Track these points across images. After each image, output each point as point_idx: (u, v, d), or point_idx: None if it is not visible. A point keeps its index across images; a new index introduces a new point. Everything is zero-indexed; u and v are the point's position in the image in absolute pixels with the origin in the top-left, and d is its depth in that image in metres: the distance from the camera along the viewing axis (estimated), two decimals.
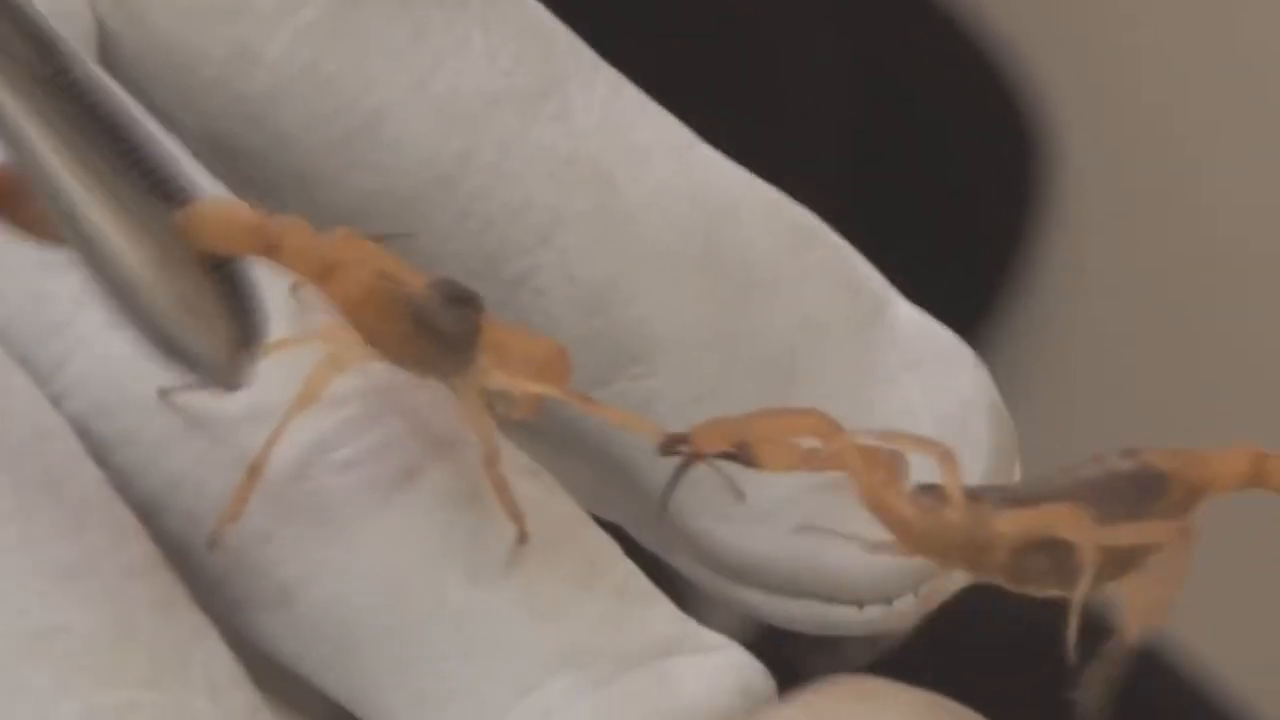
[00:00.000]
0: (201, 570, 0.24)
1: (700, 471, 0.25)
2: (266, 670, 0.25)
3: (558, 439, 0.27)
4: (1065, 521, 0.24)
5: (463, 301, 0.24)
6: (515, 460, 0.25)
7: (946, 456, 0.24)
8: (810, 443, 0.25)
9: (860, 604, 0.26)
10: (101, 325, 0.24)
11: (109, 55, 0.27)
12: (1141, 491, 0.25)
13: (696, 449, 0.24)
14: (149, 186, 0.22)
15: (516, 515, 0.24)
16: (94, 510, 0.24)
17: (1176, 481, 0.25)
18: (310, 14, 0.27)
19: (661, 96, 0.28)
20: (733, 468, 0.25)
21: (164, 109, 0.27)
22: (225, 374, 0.22)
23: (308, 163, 0.27)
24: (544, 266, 0.27)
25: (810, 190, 0.28)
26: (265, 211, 0.23)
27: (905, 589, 0.26)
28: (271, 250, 0.23)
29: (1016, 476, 0.27)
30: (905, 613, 0.25)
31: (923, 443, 0.24)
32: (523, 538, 0.24)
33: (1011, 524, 0.24)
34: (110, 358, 0.25)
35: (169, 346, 0.22)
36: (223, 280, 0.23)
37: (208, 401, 0.24)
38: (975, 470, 0.26)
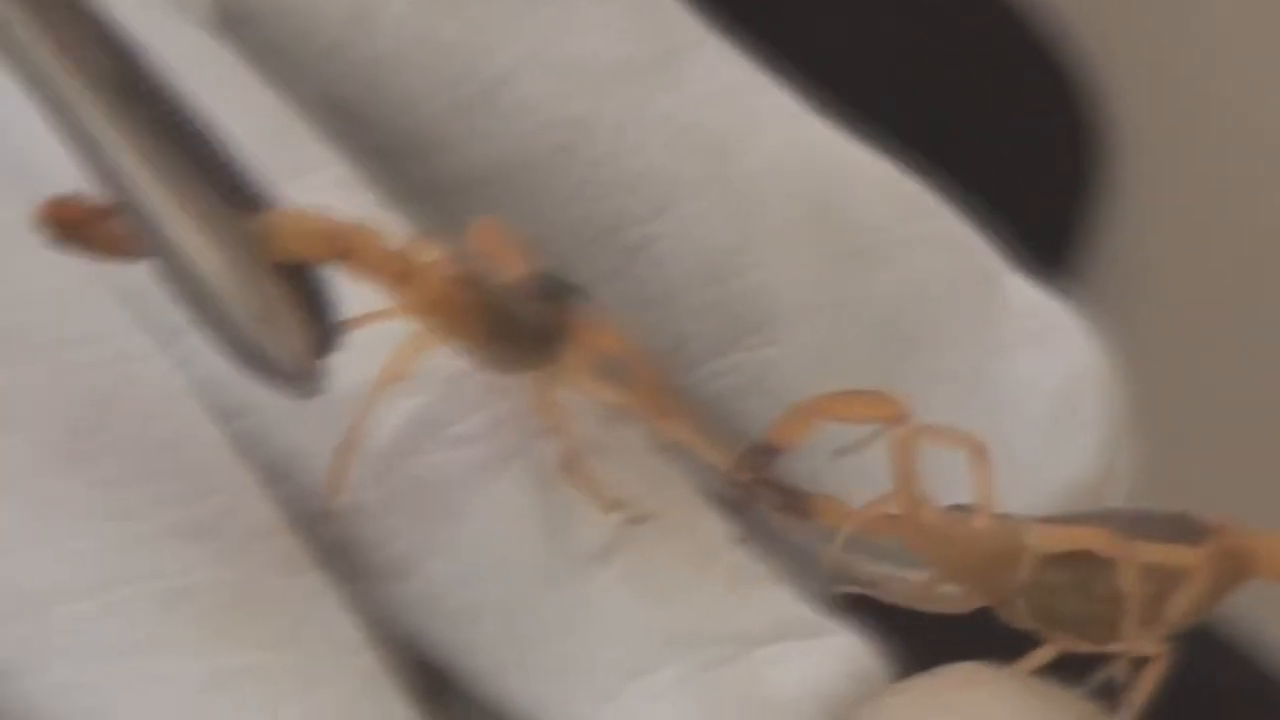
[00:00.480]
0: (319, 541, 0.25)
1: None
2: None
3: None
4: (1096, 539, 0.24)
5: (557, 296, 0.25)
6: (639, 438, 0.26)
7: (979, 452, 0.24)
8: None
9: None
10: None
11: (228, 22, 0.27)
12: (1176, 532, 0.25)
13: (778, 446, 0.24)
14: (226, 194, 0.23)
15: (613, 505, 0.25)
16: (218, 474, 0.24)
17: (1216, 538, 0.25)
18: None
19: None
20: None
21: (284, 75, 0.27)
22: (301, 380, 0.23)
23: (428, 129, 0.27)
24: (662, 235, 0.27)
25: None
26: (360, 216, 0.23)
27: None
28: (346, 256, 0.23)
29: (1130, 453, 0.27)
30: None
31: (956, 436, 0.24)
32: (637, 519, 0.24)
33: (1041, 536, 0.24)
34: None
35: (246, 353, 0.22)
36: (299, 287, 0.23)
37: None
38: (1086, 443, 0.26)
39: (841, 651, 0.24)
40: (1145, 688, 0.25)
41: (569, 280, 0.25)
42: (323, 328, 0.23)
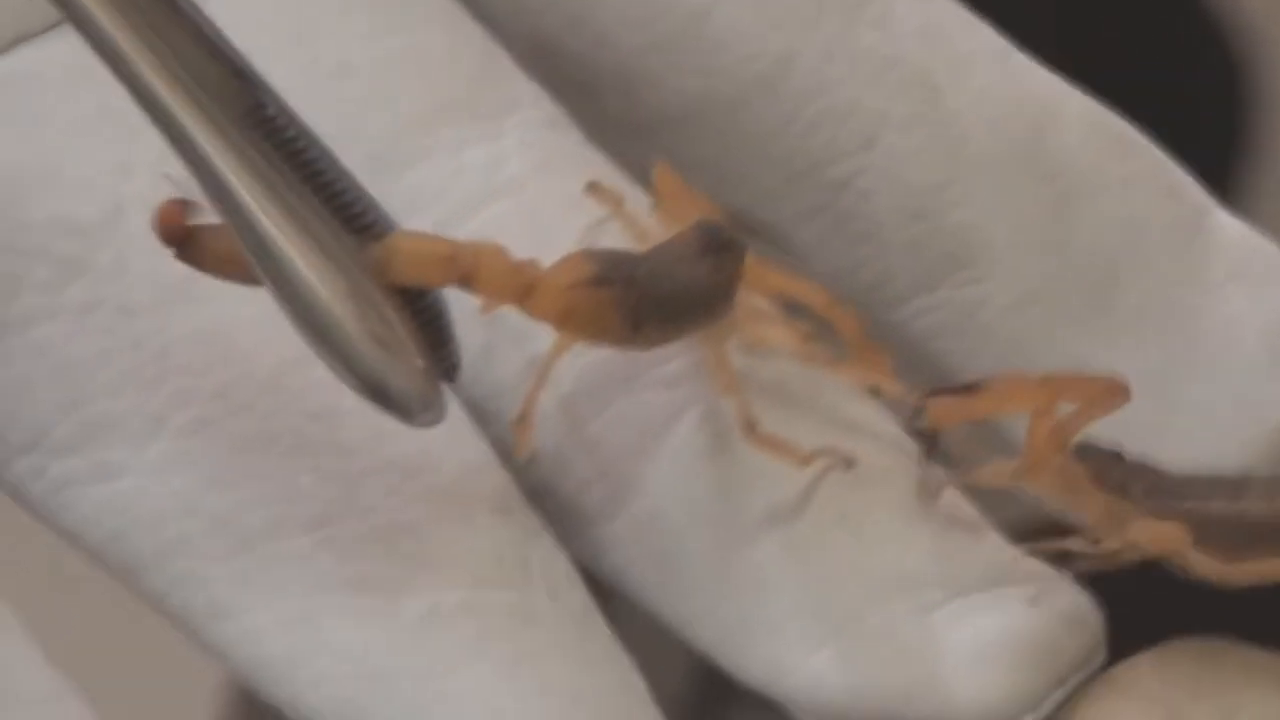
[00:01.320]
0: (525, 480, 0.25)
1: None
2: None
3: None
4: (1189, 557, 0.24)
5: (724, 247, 0.24)
6: (846, 387, 0.25)
7: (1109, 392, 0.24)
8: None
9: None
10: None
11: None
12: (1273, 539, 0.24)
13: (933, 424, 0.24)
14: (343, 221, 0.23)
15: (804, 460, 0.24)
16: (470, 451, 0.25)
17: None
18: None
19: None
20: None
21: (488, 13, 0.27)
22: (419, 407, 0.23)
23: (629, 64, 0.27)
24: (869, 169, 0.26)
25: None
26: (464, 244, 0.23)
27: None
28: (467, 279, 0.23)
29: None
30: None
31: (1085, 383, 0.24)
32: (848, 464, 0.24)
33: (1141, 533, 0.24)
34: None
35: (362, 380, 0.22)
36: (418, 313, 0.23)
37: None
38: None
39: (1061, 595, 0.24)
40: None
41: (743, 223, 0.25)
42: (444, 354, 0.23)
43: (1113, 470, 0.24)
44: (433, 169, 0.26)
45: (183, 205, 0.23)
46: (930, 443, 0.25)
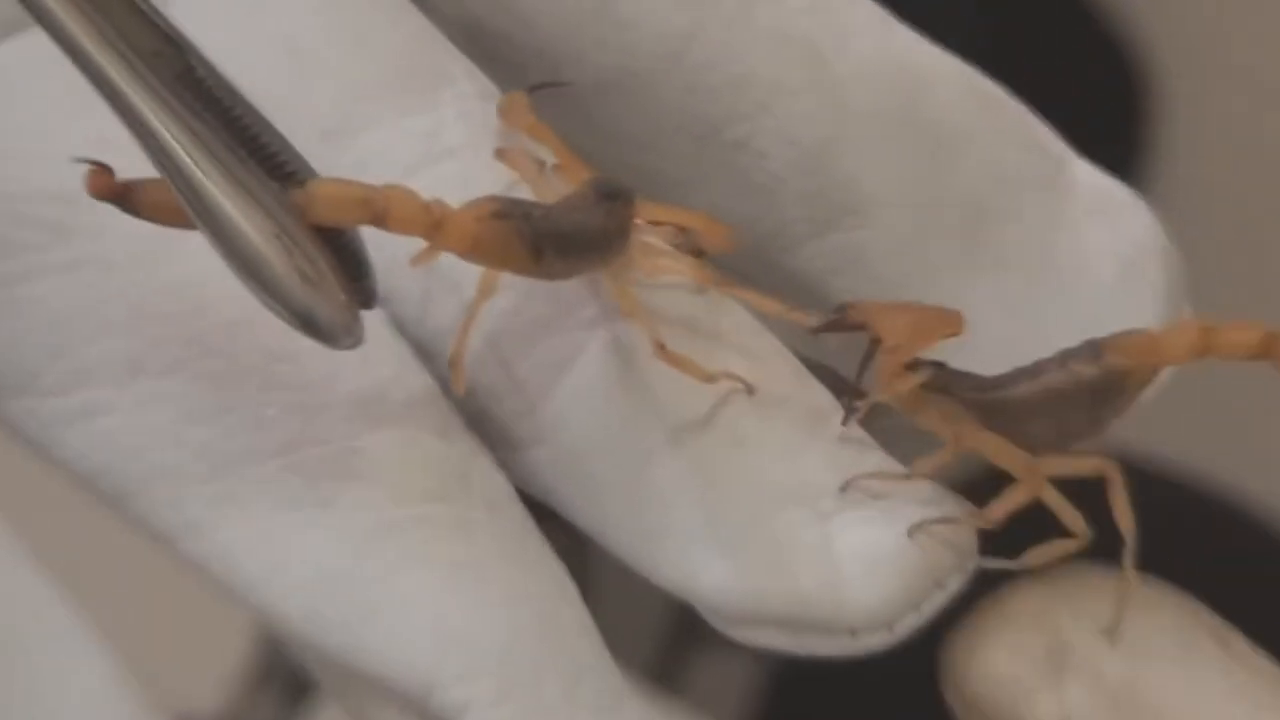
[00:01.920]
0: (465, 409, 0.25)
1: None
2: None
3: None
4: (1012, 463, 0.24)
5: (614, 196, 0.25)
6: (740, 318, 0.26)
7: (943, 321, 0.25)
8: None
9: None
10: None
11: None
12: (1100, 396, 0.25)
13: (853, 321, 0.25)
14: (268, 170, 0.23)
15: (709, 378, 0.24)
16: (382, 348, 0.25)
17: (1134, 375, 0.25)
18: None
19: None
20: None
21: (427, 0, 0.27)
22: (342, 334, 0.23)
23: (551, 44, 0.27)
24: (764, 131, 0.27)
25: None
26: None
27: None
28: (380, 219, 0.23)
29: (1188, 313, 0.27)
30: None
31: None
32: (749, 389, 0.24)
33: (974, 442, 0.25)
34: None
35: (291, 312, 0.23)
36: (338, 250, 0.23)
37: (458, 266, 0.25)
38: (1151, 310, 0.26)
39: (939, 510, 0.24)
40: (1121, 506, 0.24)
41: (620, 184, 0.25)
42: (362, 286, 0.23)
43: (938, 377, 0.25)
44: (378, 137, 0.26)
45: (105, 169, 0.23)
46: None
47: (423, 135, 0.26)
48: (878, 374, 0.25)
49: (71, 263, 0.24)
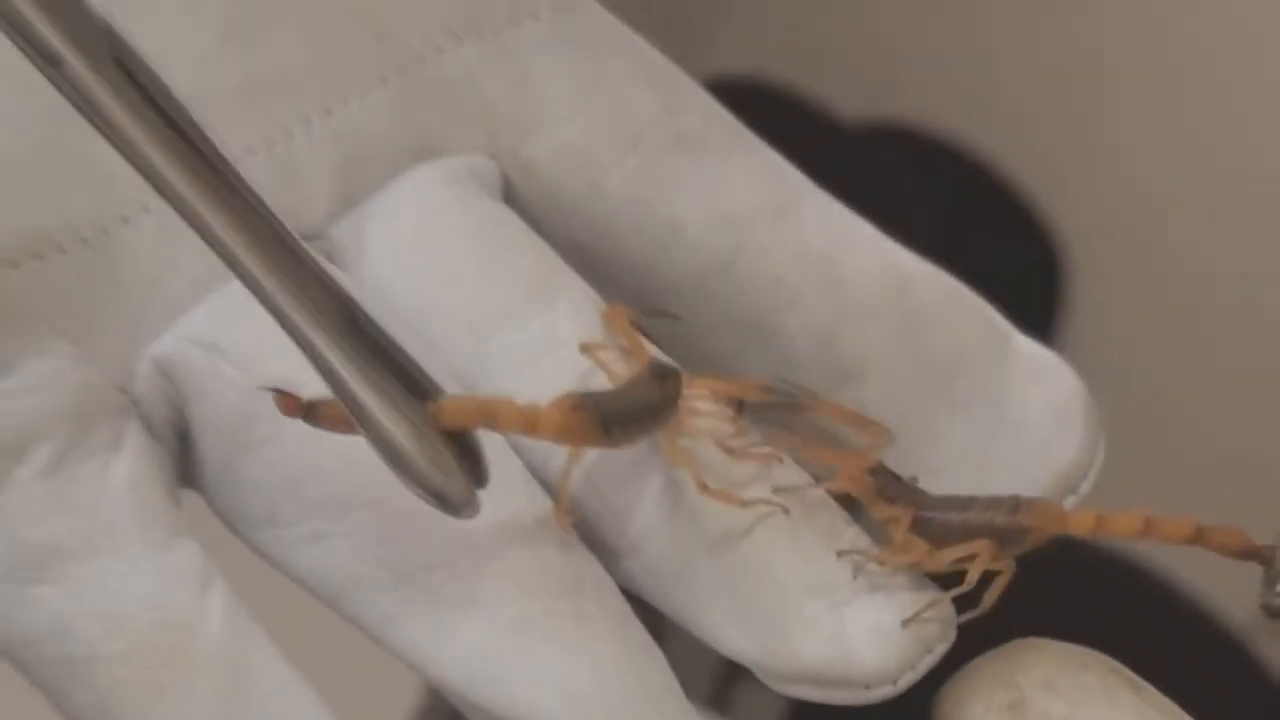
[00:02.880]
0: (578, 529, 0.26)
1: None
2: None
3: None
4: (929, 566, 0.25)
5: (665, 375, 0.25)
6: (768, 452, 0.26)
7: (879, 434, 0.26)
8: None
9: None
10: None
11: (509, 196, 0.28)
12: (1004, 540, 0.25)
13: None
14: (410, 390, 0.23)
15: (758, 509, 0.25)
16: (516, 485, 0.25)
17: (1035, 533, 0.25)
18: (633, 163, 0.28)
19: None
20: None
21: (541, 227, 0.28)
22: (464, 506, 0.23)
23: (636, 260, 0.28)
24: (791, 321, 0.28)
25: None
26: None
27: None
28: (491, 422, 0.24)
29: (1101, 448, 0.28)
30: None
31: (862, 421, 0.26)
32: (785, 510, 0.25)
33: (903, 542, 0.25)
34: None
35: (428, 493, 0.23)
36: (460, 445, 0.23)
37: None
38: (1075, 447, 0.27)
39: (926, 595, 0.25)
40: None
41: (671, 365, 0.26)
42: (478, 471, 0.24)
43: (890, 487, 0.26)
44: (510, 334, 0.26)
45: (291, 394, 0.24)
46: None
47: (542, 332, 0.26)
48: (840, 472, 0.26)
49: (299, 432, 0.24)
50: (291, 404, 0.24)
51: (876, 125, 2.16)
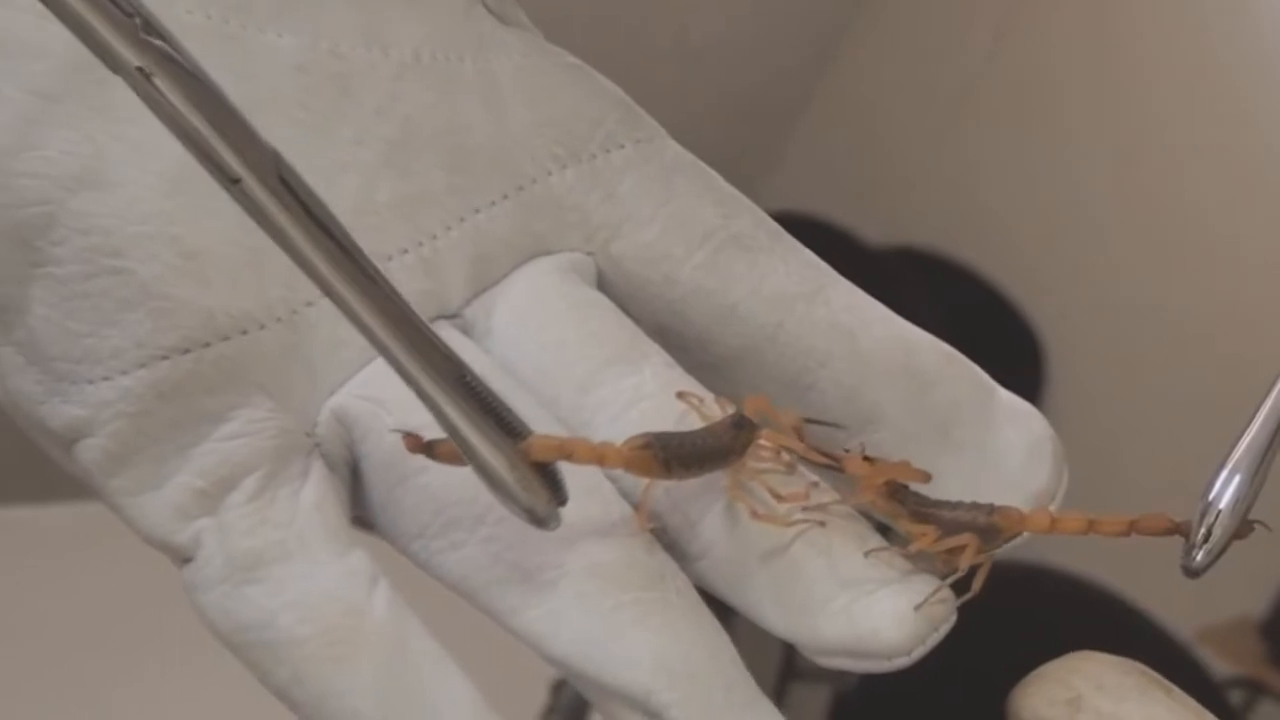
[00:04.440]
0: (659, 536, 0.25)
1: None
2: None
3: None
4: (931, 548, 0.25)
5: (741, 426, 0.25)
6: (811, 482, 0.26)
7: (914, 474, 0.25)
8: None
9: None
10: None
11: (602, 284, 0.28)
12: (983, 535, 0.25)
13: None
14: (505, 431, 0.23)
15: (804, 524, 0.25)
16: (611, 502, 0.25)
17: (1005, 531, 0.25)
18: (699, 257, 0.28)
19: None
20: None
21: (627, 308, 0.28)
22: (550, 521, 0.23)
23: (704, 334, 0.28)
24: (822, 379, 0.27)
25: None
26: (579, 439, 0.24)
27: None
28: (569, 456, 0.24)
29: (1065, 476, 0.27)
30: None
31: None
32: (822, 524, 0.25)
33: (910, 530, 0.25)
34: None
35: (519, 508, 0.23)
36: (545, 474, 0.23)
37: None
38: (1044, 471, 0.27)
39: (934, 584, 0.25)
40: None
41: (749, 422, 0.25)
42: (560, 494, 0.23)
43: (899, 494, 0.25)
44: (608, 389, 0.26)
45: (416, 435, 0.24)
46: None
47: (632, 388, 0.26)
48: (861, 486, 0.25)
49: (441, 467, 0.24)
50: (415, 443, 0.24)
51: (896, 248, 2.19)
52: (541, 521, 0.23)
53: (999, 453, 0.27)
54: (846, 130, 2.33)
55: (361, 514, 0.26)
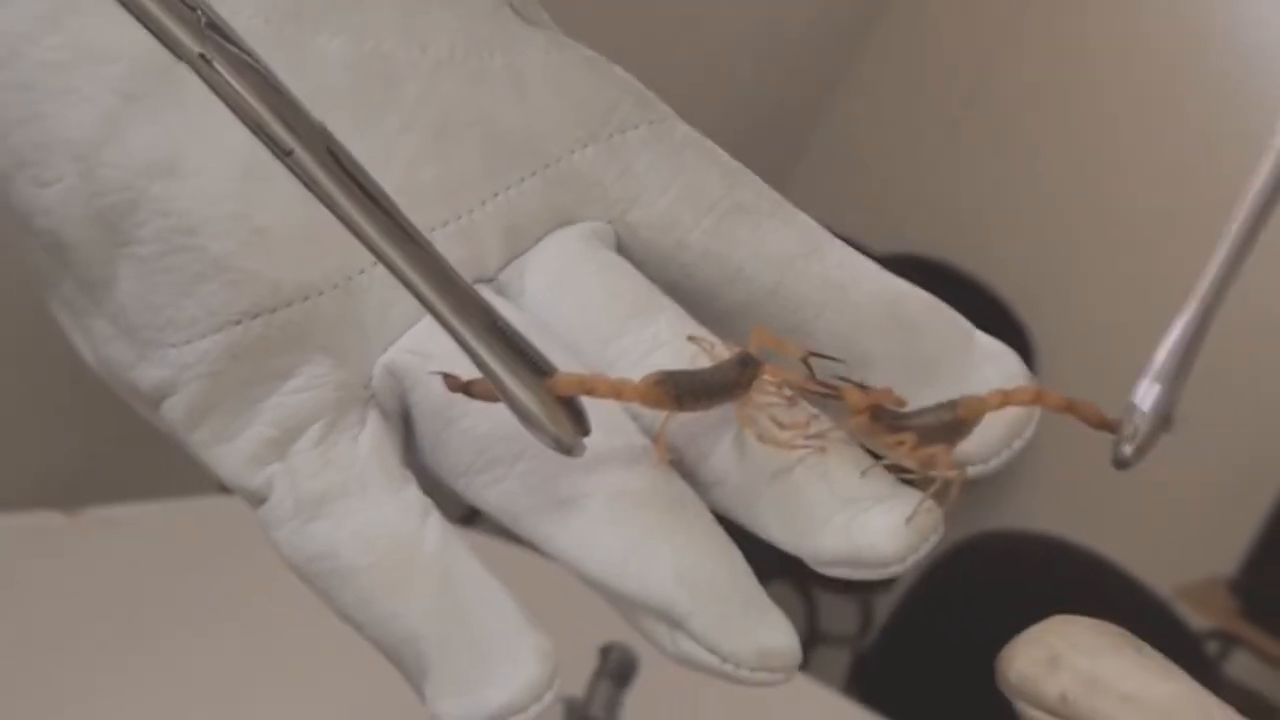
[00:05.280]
0: (677, 466, 0.25)
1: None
2: None
3: None
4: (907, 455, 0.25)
5: (747, 363, 0.25)
6: (811, 414, 0.26)
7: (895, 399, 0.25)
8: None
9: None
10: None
11: (621, 249, 0.27)
12: (952, 429, 0.25)
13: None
14: (533, 369, 0.23)
15: (805, 449, 0.25)
16: (633, 437, 0.25)
17: (970, 420, 0.25)
18: (707, 224, 0.27)
19: None
20: None
21: (644, 269, 0.27)
22: (575, 448, 0.23)
23: (711, 291, 0.27)
24: (819, 329, 0.27)
25: None
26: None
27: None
28: (590, 391, 0.24)
29: (1037, 408, 0.26)
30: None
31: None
32: (822, 449, 0.25)
33: (884, 445, 0.25)
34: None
35: (548, 439, 0.23)
36: (569, 406, 0.23)
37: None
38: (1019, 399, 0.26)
39: (921, 500, 0.25)
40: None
41: (753, 358, 0.25)
42: (582, 424, 0.23)
43: (881, 415, 0.25)
44: (629, 338, 0.26)
45: (454, 376, 0.24)
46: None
47: (650, 337, 0.26)
48: (850, 412, 0.25)
49: (483, 410, 0.24)
50: (455, 383, 0.24)
51: (896, 256, 2.21)
52: (568, 449, 0.23)
53: (978, 389, 0.26)
54: (850, 151, 2.40)
55: (414, 458, 0.26)
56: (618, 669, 0.91)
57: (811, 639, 1.93)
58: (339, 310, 0.25)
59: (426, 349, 0.25)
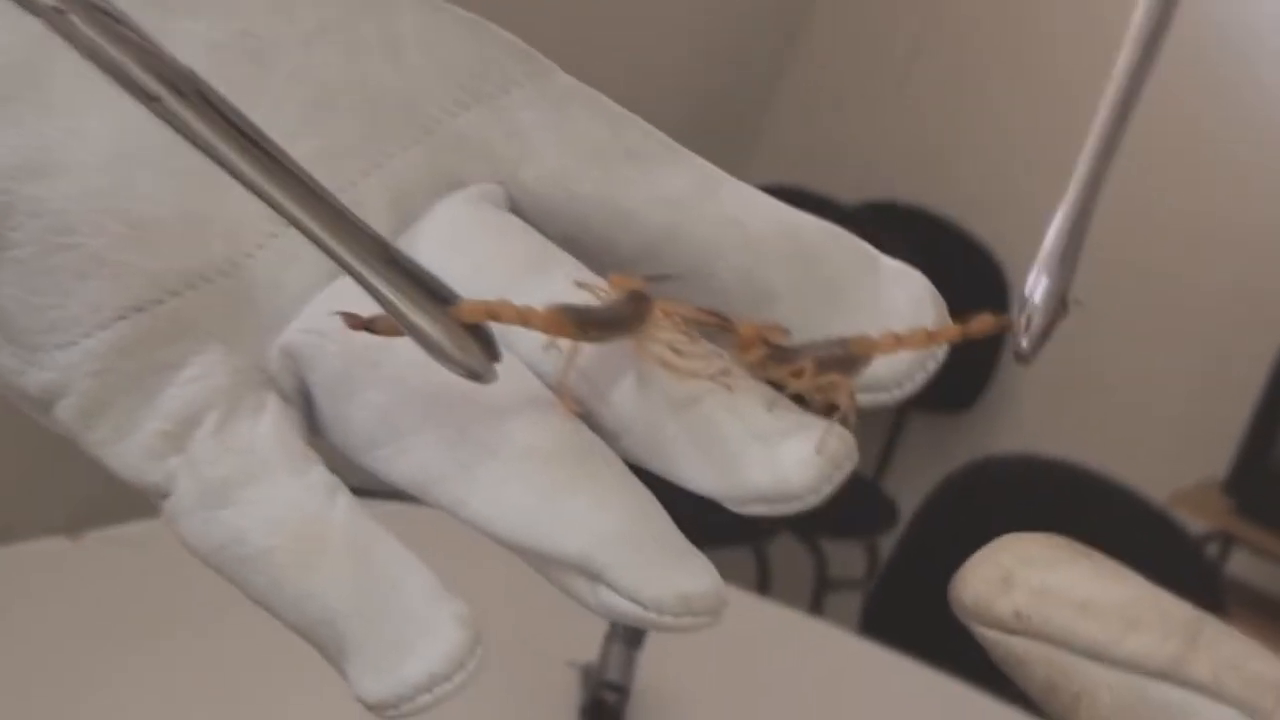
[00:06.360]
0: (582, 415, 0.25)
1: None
2: None
3: None
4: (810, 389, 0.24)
5: (639, 299, 0.24)
6: (720, 353, 0.25)
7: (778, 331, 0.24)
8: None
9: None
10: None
11: (513, 208, 0.27)
12: (842, 365, 0.24)
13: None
14: (439, 299, 0.23)
15: (698, 379, 0.24)
16: (538, 394, 0.24)
17: (860, 359, 0.24)
18: (595, 173, 0.27)
19: None
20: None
21: (538, 226, 0.27)
22: (485, 375, 0.22)
23: (606, 238, 0.27)
24: (720, 267, 0.26)
25: None
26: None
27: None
28: (496, 317, 0.23)
29: (944, 312, 0.26)
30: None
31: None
32: (729, 386, 0.24)
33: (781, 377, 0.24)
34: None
35: (455, 365, 0.22)
36: (476, 333, 0.22)
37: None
38: (929, 319, 0.26)
39: (828, 428, 0.24)
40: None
41: (644, 293, 0.24)
42: (491, 350, 0.23)
43: (777, 353, 0.24)
44: (525, 296, 0.24)
45: (355, 315, 0.23)
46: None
47: (547, 292, 0.25)
48: (741, 346, 0.25)
49: (383, 379, 0.24)
50: (356, 321, 0.23)
51: (866, 204, 2.21)
52: (478, 376, 0.22)
53: (886, 310, 0.26)
54: (811, 110, 2.42)
55: (319, 438, 0.25)
56: (629, 631, 0.91)
57: (822, 586, 1.94)
58: (227, 296, 0.24)
59: (321, 327, 0.25)
